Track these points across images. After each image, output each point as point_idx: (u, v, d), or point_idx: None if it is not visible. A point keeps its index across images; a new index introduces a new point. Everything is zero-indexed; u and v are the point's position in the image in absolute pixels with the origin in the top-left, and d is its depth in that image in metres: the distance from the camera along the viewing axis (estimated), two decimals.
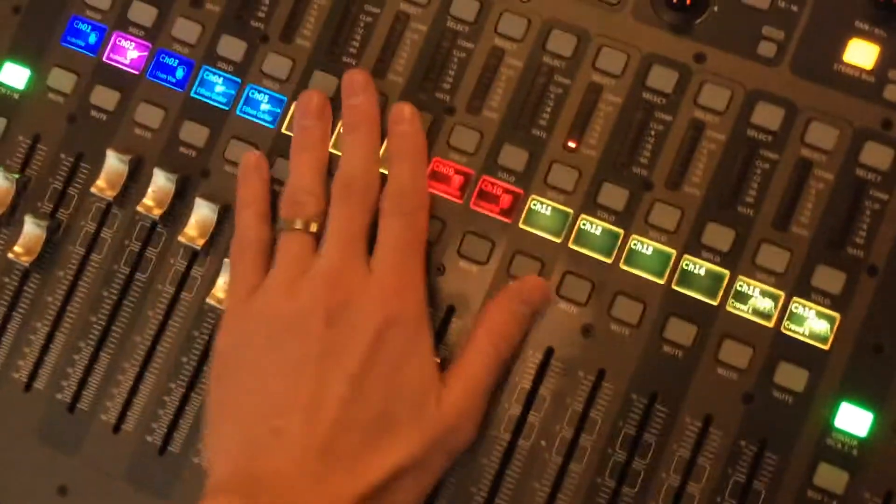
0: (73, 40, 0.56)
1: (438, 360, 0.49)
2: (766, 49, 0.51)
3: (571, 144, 0.52)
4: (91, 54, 0.55)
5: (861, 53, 0.50)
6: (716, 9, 0.52)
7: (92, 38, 0.55)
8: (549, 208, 0.51)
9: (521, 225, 0.51)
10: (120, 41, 0.55)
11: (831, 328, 0.49)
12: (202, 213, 0.52)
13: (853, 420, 0.48)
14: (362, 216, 0.50)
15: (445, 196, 0.52)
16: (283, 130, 0.53)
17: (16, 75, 0.56)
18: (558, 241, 0.51)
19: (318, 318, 0.48)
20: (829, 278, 0.49)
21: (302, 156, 0.52)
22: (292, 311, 0.48)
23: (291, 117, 0.53)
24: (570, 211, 0.51)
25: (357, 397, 0.47)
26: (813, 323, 0.49)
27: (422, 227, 0.51)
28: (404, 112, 0.52)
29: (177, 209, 0.53)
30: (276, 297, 0.49)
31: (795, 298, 0.49)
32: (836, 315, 0.49)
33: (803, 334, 0.49)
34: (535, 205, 0.52)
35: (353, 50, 0.54)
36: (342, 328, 0.48)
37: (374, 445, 0.46)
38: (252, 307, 0.49)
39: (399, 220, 0.50)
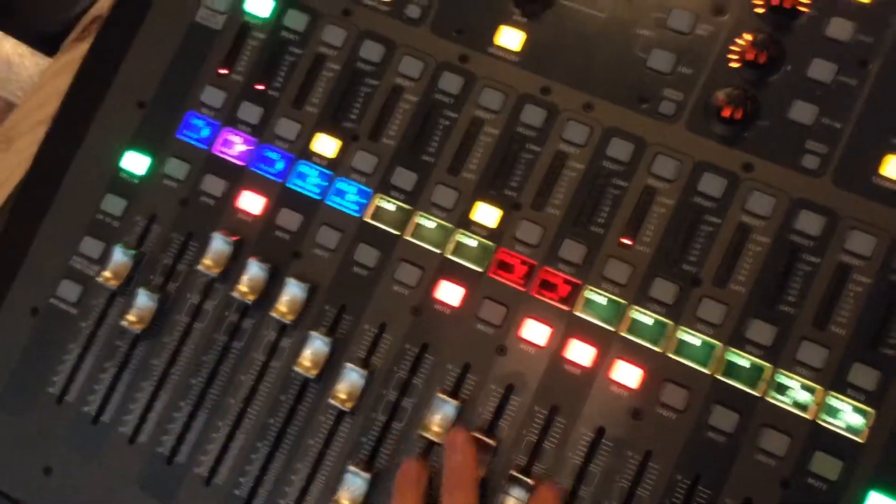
0: (189, 133, 0.63)
1: None
2: (810, 161, 0.55)
3: (626, 241, 0.57)
4: (203, 146, 0.63)
5: None
6: (764, 123, 0.56)
7: (205, 133, 0.63)
8: (605, 298, 0.56)
9: (576, 312, 0.56)
10: (229, 136, 0.63)
11: (867, 422, 0.52)
12: (292, 291, 0.58)
13: None
14: None
15: (510, 284, 0.58)
16: (367, 219, 0.60)
17: (137, 163, 0.63)
18: (612, 329, 0.56)
19: None
20: (865, 375, 0.53)
21: (405, 490, 0.55)
22: None
23: (375, 210, 0.60)
24: (624, 302, 0.56)
25: None
26: (848, 416, 0.53)
27: None
28: (457, 441, 0.55)
29: (269, 286, 0.60)
30: None
31: (832, 393, 0.53)
32: (872, 410, 0.52)
33: (839, 427, 0.53)
34: (590, 294, 0.57)
35: (433, 150, 0.60)
36: None
37: None
38: None
39: None
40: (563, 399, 0.56)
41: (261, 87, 0.63)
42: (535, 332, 0.57)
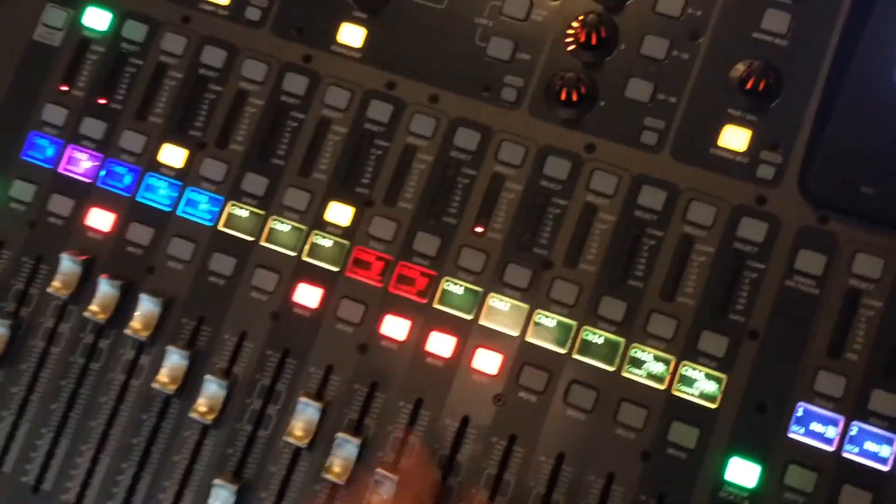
0: (33, 154, 0.62)
1: None
2: (649, 137, 0.56)
3: (479, 229, 0.57)
4: (49, 166, 0.61)
5: (735, 137, 0.56)
6: (602, 103, 0.57)
7: (49, 152, 0.61)
8: (462, 288, 0.57)
9: (434, 304, 0.57)
10: (74, 153, 0.61)
11: (719, 388, 0.53)
12: (146, 307, 0.57)
13: (742, 473, 0.52)
14: None
15: (367, 281, 0.57)
16: (221, 227, 0.59)
17: None
18: (470, 317, 0.56)
19: None
20: (714, 343, 0.54)
21: None
22: None
23: (228, 217, 0.59)
24: (480, 290, 0.56)
25: None
26: (702, 384, 0.54)
27: None
28: None
29: (124, 304, 0.58)
30: None
31: (685, 362, 0.54)
32: (723, 376, 0.53)
33: (693, 395, 0.54)
34: (447, 285, 0.57)
35: (282, 152, 0.59)
36: None
37: None
38: None
39: None
40: (428, 392, 0.56)
41: (103, 102, 0.61)
42: (395, 327, 0.57)
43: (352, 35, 0.60)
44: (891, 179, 0.53)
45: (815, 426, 0.52)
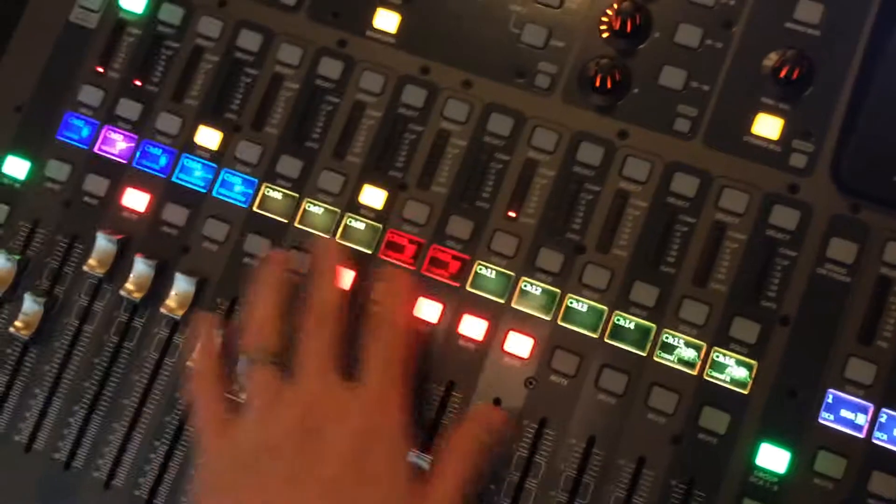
0: (69, 134, 0.62)
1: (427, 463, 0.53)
2: (682, 125, 0.57)
3: (512, 214, 0.57)
4: (84, 146, 0.62)
5: (767, 126, 0.56)
6: (636, 90, 0.58)
7: (85, 132, 0.62)
8: (494, 272, 0.57)
9: (467, 287, 0.57)
10: (109, 134, 0.62)
11: (750, 374, 0.54)
12: (181, 286, 0.57)
13: (772, 459, 0.53)
14: (340, 340, 0.54)
15: (400, 264, 0.58)
16: (255, 209, 0.60)
17: (17, 167, 0.62)
18: (502, 301, 0.57)
19: (297, 437, 0.51)
20: (746, 329, 0.54)
21: (265, 290, 0.56)
22: (273, 437, 0.52)
23: (262, 199, 0.59)
24: (512, 274, 0.57)
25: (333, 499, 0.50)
26: (733, 370, 0.54)
27: (405, 343, 0.54)
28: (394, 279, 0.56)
29: (158, 283, 0.59)
30: (257, 430, 0.52)
31: (716, 348, 0.54)
32: (754, 363, 0.54)
33: (724, 381, 0.54)
34: (480, 269, 0.57)
35: (316, 136, 0.60)
36: (321, 443, 0.51)
37: None
38: (232, 444, 0.53)
39: (381, 340, 0.54)
40: (459, 375, 0.56)
41: (139, 83, 0.62)
42: (427, 310, 0.57)
43: (387, 20, 0.61)
44: None
45: (845, 413, 0.53)
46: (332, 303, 0.55)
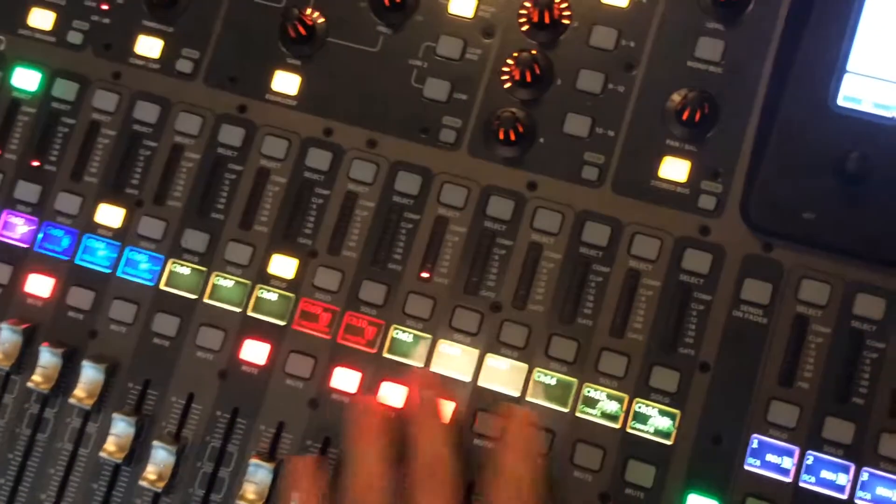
0: None
1: None
2: (590, 173, 0.56)
3: (425, 275, 0.56)
4: None
5: (675, 168, 0.55)
6: (542, 140, 0.57)
7: None
8: (411, 335, 0.56)
9: (385, 354, 0.56)
10: (9, 218, 0.60)
11: (674, 424, 0.53)
12: (88, 374, 0.56)
13: None
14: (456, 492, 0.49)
15: (315, 334, 0.56)
16: (162, 286, 0.58)
17: None
18: (421, 366, 0.55)
19: None
20: (666, 378, 0.53)
21: (371, 442, 0.50)
22: None
23: (169, 276, 0.58)
24: (430, 336, 0.56)
25: None
26: (656, 421, 0.53)
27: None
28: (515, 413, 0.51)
29: (68, 371, 0.57)
30: None
31: (638, 399, 0.53)
32: (677, 412, 0.53)
33: (648, 432, 0.53)
34: (396, 333, 0.56)
35: (221, 206, 0.58)
36: None
37: None
38: None
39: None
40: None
41: (36, 164, 0.60)
42: (345, 380, 0.56)
43: (286, 82, 0.59)
44: (831, 204, 0.53)
45: (771, 457, 0.52)
46: (442, 456, 0.49)
